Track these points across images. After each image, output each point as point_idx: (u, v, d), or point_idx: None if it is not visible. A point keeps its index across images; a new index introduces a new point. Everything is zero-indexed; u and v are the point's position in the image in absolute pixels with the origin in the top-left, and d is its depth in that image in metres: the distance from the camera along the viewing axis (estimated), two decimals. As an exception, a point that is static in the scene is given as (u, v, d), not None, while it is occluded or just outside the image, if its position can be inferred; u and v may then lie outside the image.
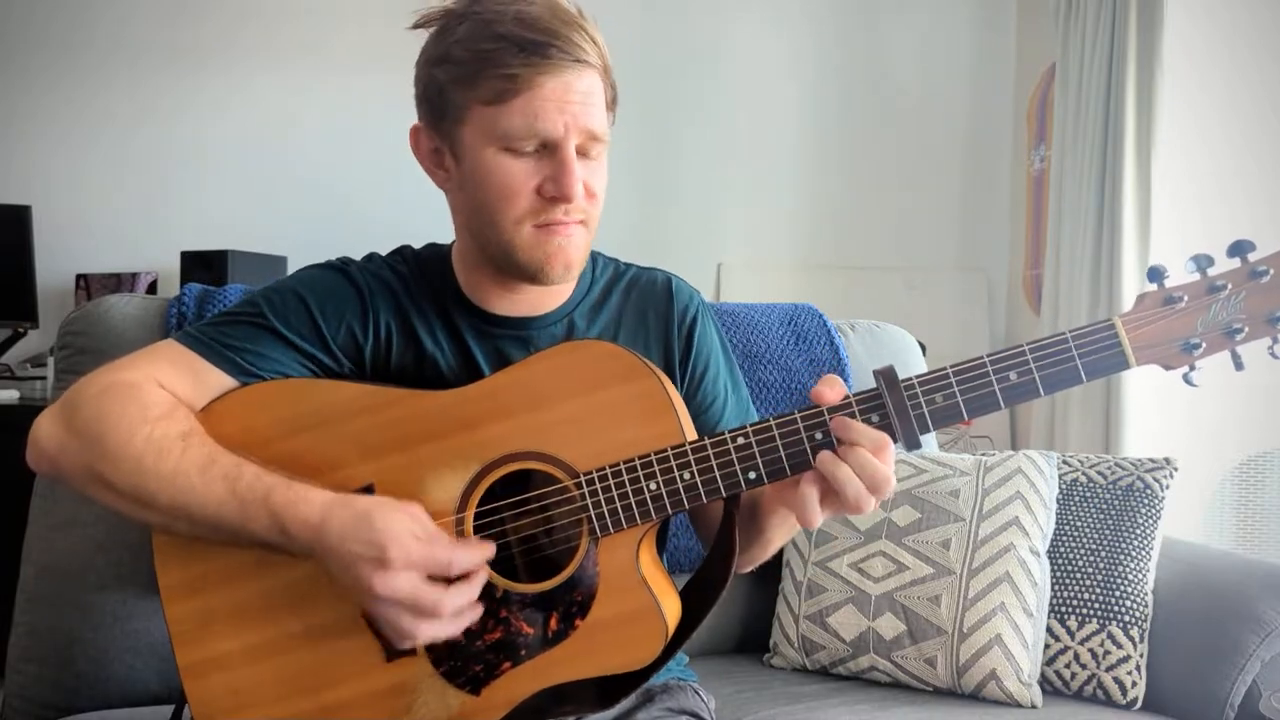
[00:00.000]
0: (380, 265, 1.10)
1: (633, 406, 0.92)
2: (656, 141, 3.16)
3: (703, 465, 0.89)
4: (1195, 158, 2.54)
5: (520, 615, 0.92)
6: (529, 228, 0.98)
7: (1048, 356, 0.85)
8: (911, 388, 0.87)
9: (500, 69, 0.94)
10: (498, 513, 0.94)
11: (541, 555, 0.96)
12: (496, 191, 0.98)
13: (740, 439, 0.89)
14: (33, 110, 2.93)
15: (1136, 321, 0.85)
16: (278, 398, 0.99)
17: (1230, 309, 0.85)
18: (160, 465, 0.90)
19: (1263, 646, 1.37)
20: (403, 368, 1.06)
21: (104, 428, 0.92)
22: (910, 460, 1.56)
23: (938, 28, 3.27)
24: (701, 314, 1.15)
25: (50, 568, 1.33)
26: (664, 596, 0.92)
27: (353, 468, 0.95)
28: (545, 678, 0.91)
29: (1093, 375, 0.85)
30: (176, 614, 0.96)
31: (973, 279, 3.26)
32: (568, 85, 0.95)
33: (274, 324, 1.01)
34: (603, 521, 0.91)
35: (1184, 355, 0.86)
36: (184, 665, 0.95)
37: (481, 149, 0.97)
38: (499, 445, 0.93)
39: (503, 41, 0.94)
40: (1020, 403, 0.87)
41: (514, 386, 0.95)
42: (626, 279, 1.15)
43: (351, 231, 2.16)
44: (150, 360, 0.99)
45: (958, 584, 1.42)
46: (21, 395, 2.62)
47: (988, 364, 0.86)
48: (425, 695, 0.92)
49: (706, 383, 1.13)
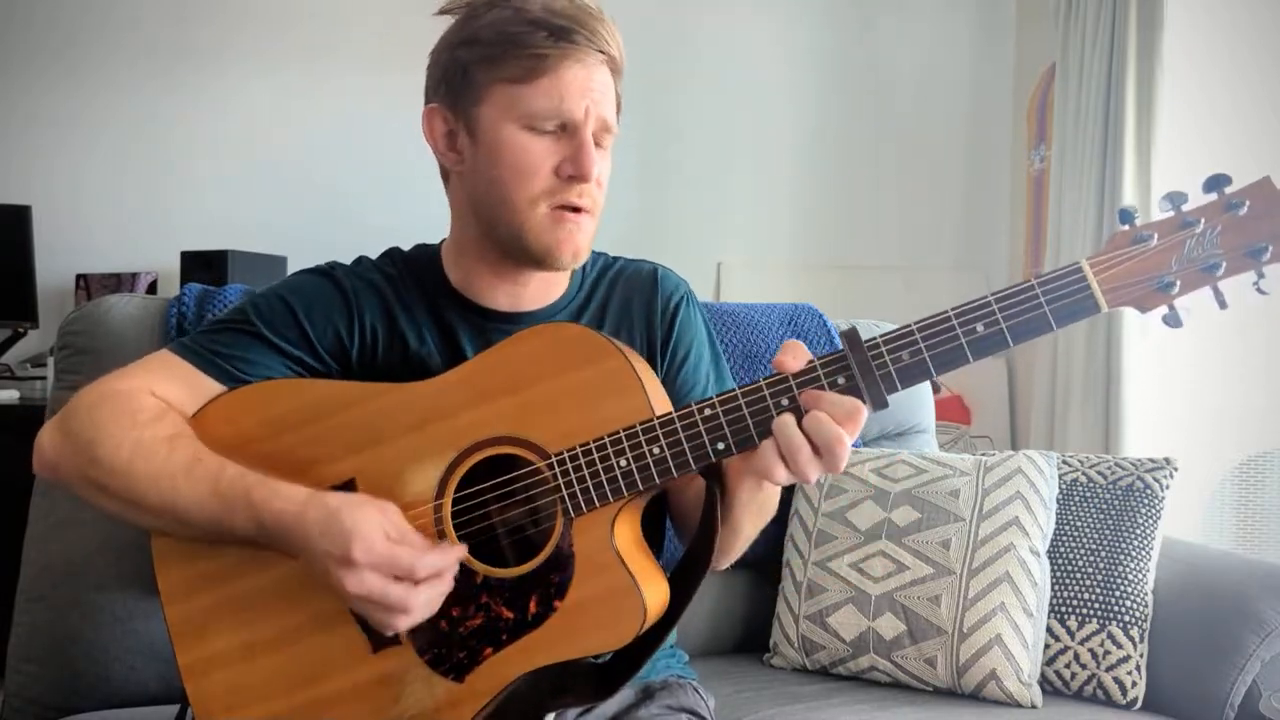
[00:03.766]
0: (368, 268, 1.12)
1: (602, 386, 0.92)
2: (657, 141, 3.15)
3: (671, 439, 0.90)
4: (1195, 157, 2.54)
5: (500, 600, 0.93)
6: (544, 209, 1.01)
7: (1014, 305, 0.82)
8: (876, 347, 0.85)
9: (530, 49, 0.98)
10: (474, 498, 0.95)
11: (520, 539, 0.97)
12: (514, 168, 1.00)
13: (707, 410, 0.89)
14: (33, 110, 2.93)
15: (1105, 262, 0.81)
16: (262, 399, 1.01)
17: (1206, 244, 0.80)
18: (148, 468, 0.93)
19: (1263, 646, 1.37)
20: (389, 366, 1.07)
21: (97, 434, 0.95)
22: (910, 460, 1.56)
23: (938, 28, 3.27)
24: (686, 302, 1.17)
25: (50, 568, 1.33)
26: (645, 577, 0.92)
27: (335, 463, 0.96)
28: (528, 661, 0.92)
29: (1063, 321, 0.82)
30: (176, 615, 0.98)
31: (972, 278, 3.26)
32: (590, 74, 0.99)
33: (261, 330, 1.04)
34: (575, 501, 0.91)
35: (1159, 295, 0.81)
36: (184, 665, 0.97)
37: (501, 126, 1.00)
38: (473, 431, 0.94)
39: (532, 25, 0.98)
40: (989, 355, 0.83)
41: (486, 373, 0.96)
42: (613, 271, 1.17)
43: (351, 231, 2.16)
44: (144, 370, 1.02)
45: (958, 584, 1.42)
46: (21, 395, 2.62)
47: (952, 317, 0.84)
48: (412, 684, 0.93)
49: (687, 369, 1.14)
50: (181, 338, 1.07)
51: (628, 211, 3.09)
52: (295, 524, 0.89)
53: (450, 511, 0.94)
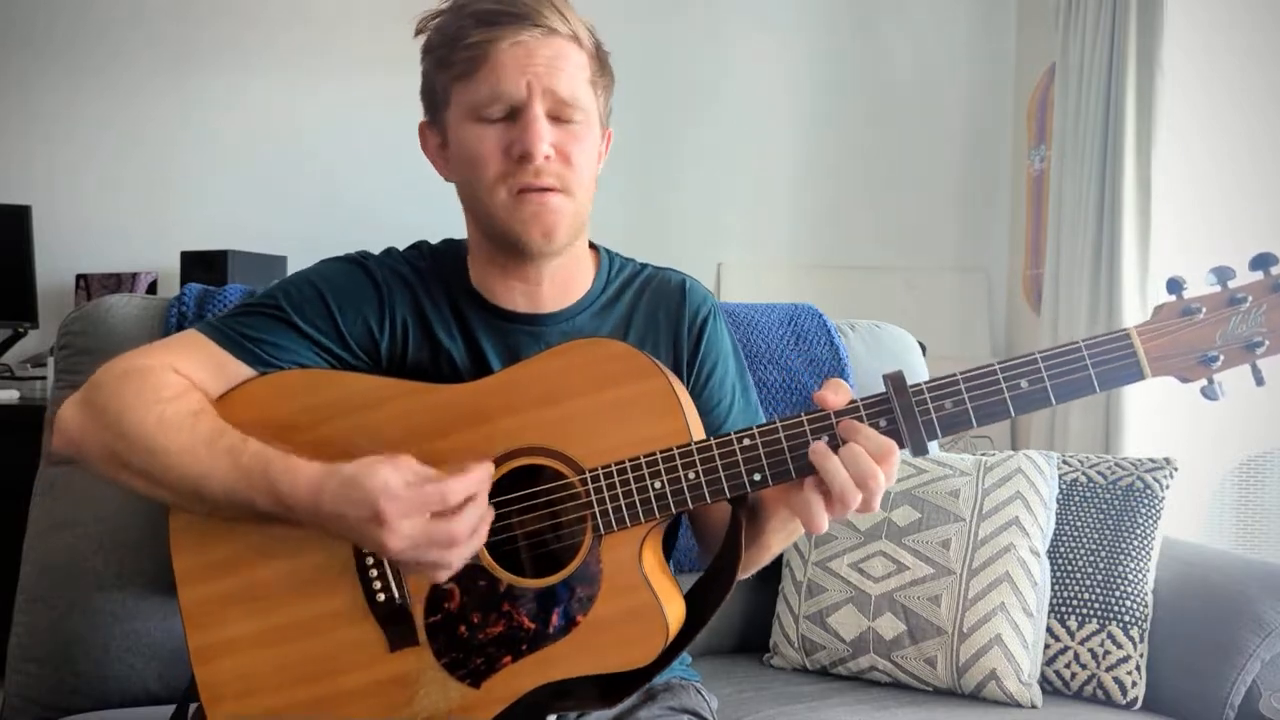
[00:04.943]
0: (398, 260, 1.11)
1: (641, 405, 0.92)
2: (657, 141, 3.15)
3: (708, 465, 0.90)
4: (1195, 157, 2.54)
5: (523, 610, 0.92)
6: (504, 194, 1.01)
7: (1060, 365, 0.84)
8: (920, 393, 0.86)
9: (465, 41, 0.98)
10: (504, 507, 0.94)
11: (546, 550, 0.96)
12: (470, 161, 1.01)
13: (746, 440, 0.89)
14: (33, 110, 2.93)
15: (1153, 332, 0.84)
16: (295, 388, 1.00)
17: (1251, 322, 0.83)
18: (171, 442, 0.92)
19: (1263, 646, 1.37)
20: (418, 363, 1.07)
21: (121, 407, 0.94)
22: (910, 460, 1.55)
23: (938, 28, 3.27)
24: (714, 316, 1.16)
25: (50, 568, 1.33)
26: (667, 597, 0.92)
27: None
28: (545, 673, 0.92)
29: (1106, 386, 0.84)
30: (190, 598, 0.97)
31: (973, 279, 3.26)
32: (529, 49, 0.99)
33: (291, 316, 1.03)
34: (606, 519, 0.91)
35: (1201, 368, 0.84)
36: (195, 648, 0.96)
37: (460, 125, 1.02)
38: (508, 440, 0.94)
39: (468, 18, 0.99)
40: (1030, 411, 0.85)
41: (525, 382, 0.96)
42: (641, 279, 1.16)
43: (352, 231, 2.15)
44: (169, 348, 1.02)
45: (958, 584, 1.42)
46: (21, 395, 2.62)
47: (998, 371, 0.85)
48: (427, 687, 0.93)
49: (714, 384, 1.14)
50: (208, 319, 1.06)
51: (628, 212, 3.09)
52: (315, 498, 0.88)
53: None
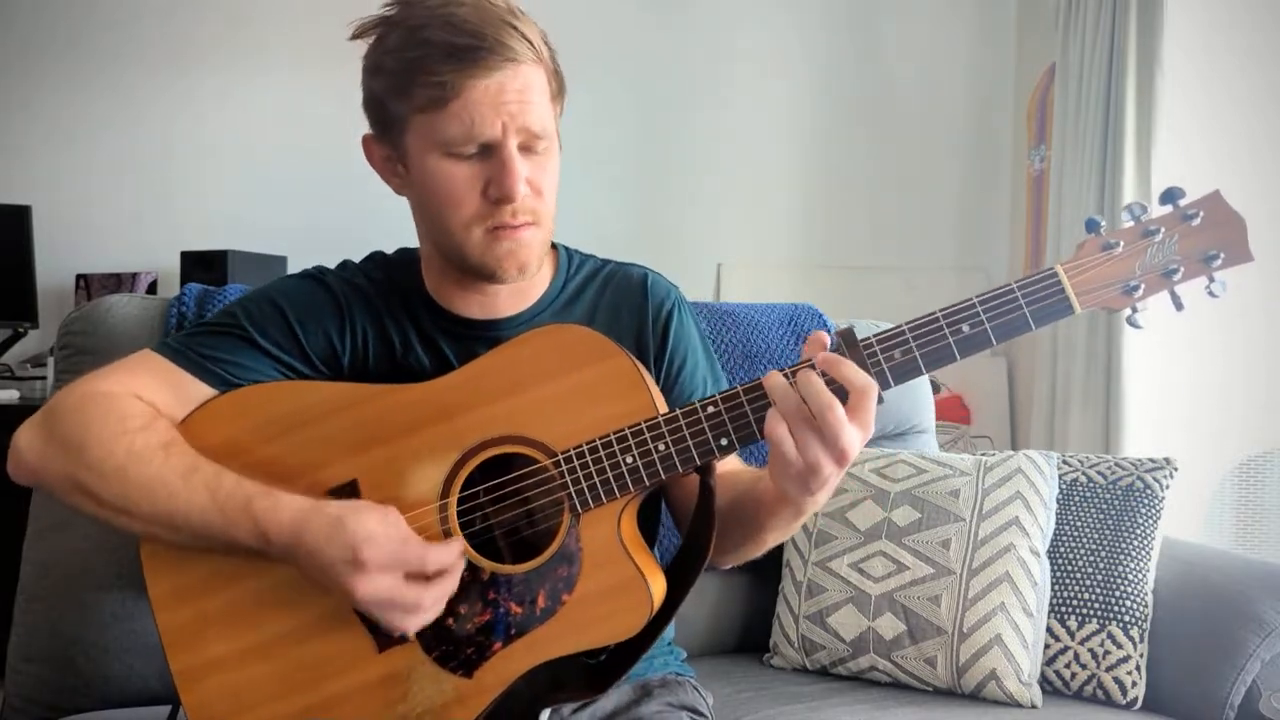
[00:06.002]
0: (354, 272, 1.11)
1: (605, 385, 0.93)
2: (656, 142, 3.16)
3: (676, 436, 0.91)
4: (1195, 157, 2.54)
5: (509, 596, 0.93)
6: (479, 232, 0.99)
7: (997, 307, 0.88)
8: (870, 346, 0.88)
9: (430, 75, 0.94)
10: (480, 497, 0.95)
11: (526, 536, 0.97)
12: (442, 197, 0.99)
13: (710, 407, 0.90)
14: (33, 110, 2.93)
15: (1077, 267, 0.89)
16: (255, 404, 1.00)
17: (1166, 251, 0.89)
18: (143, 475, 0.92)
19: (1263, 646, 1.37)
20: (380, 374, 1.06)
21: (86, 438, 0.93)
22: (910, 460, 1.56)
23: (938, 28, 3.27)
24: (678, 309, 1.15)
25: (50, 568, 1.33)
26: (649, 569, 0.93)
27: (335, 466, 0.96)
28: (536, 654, 0.93)
29: (1041, 322, 0.88)
30: (168, 622, 0.98)
31: (972, 279, 3.26)
32: (501, 86, 0.95)
33: (252, 334, 1.03)
34: (583, 498, 0.92)
35: (1125, 297, 0.89)
36: (178, 671, 0.97)
37: (425, 156, 0.98)
38: (477, 432, 0.94)
39: (429, 47, 0.94)
40: (974, 353, 0.89)
41: (489, 373, 0.96)
42: (602, 275, 1.15)
43: (351, 231, 2.16)
44: (128, 371, 1.00)
45: (958, 584, 1.42)
46: (21, 395, 2.62)
47: (941, 319, 0.88)
48: (419, 682, 0.94)
49: (685, 377, 1.14)
50: (165, 339, 1.05)
51: (628, 213, 3.10)
52: (299, 534, 0.89)
53: (455, 512, 0.94)
